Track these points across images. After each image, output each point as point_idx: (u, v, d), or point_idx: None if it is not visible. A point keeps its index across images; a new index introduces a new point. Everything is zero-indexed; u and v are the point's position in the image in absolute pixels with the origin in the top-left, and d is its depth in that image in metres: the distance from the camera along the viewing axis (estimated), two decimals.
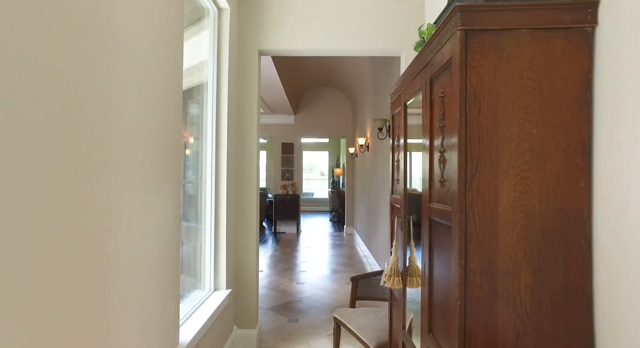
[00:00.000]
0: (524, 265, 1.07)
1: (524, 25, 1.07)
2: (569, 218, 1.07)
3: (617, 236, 0.99)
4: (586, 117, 1.07)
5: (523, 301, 1.07)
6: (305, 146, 13.14)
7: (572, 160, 1.07)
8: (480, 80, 1.08)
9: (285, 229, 7.87)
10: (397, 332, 1.92)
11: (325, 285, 4.28)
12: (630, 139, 0.95)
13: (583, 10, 1.06)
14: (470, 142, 1.08)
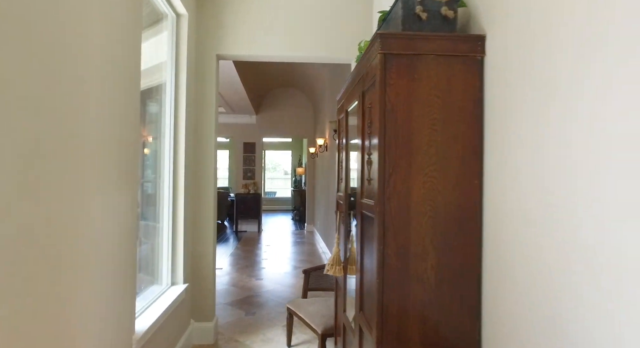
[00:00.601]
0: (430, 249, 1.30)
1: (431, 52, 1.31)
2: (465, 210, 1.32)
3: (496, 222, 1.25)
4: (478, 128, 1.32)
5: (429, 279, 1.30)
6: (269, 146, 13.20)
7: (468, 163, 1.32)
8: (397, 96, 1.30)
9: (247, 228, 7.94)
10: (340, 316, 2.13)
11: (284, 281, 4.44)
12: (500, 143, 1.21)
13: (475, 43, 1.31)
14: (389, 147, 1.30)
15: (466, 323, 1.32)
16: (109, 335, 1.50)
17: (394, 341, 1.30)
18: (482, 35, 1.32)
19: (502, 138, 1.22)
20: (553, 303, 0.98)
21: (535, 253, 1.05)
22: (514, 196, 1.15)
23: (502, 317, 1.20)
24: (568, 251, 0.92)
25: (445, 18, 1.37)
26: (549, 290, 0.99)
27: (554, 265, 0.97)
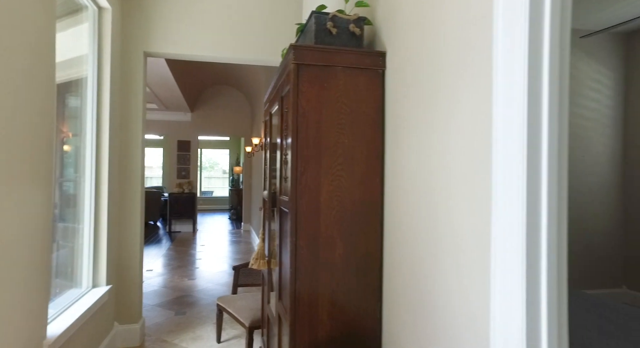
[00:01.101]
0: (338, 240, 1.46)
1: (339, 64, 1.47)
2: (368, 205, 1.50)
3: (392, 215, 1.44)
4: (380, 132, 1.51)
5: (337, 266, 1.46)
6: (206, 144, 12.82)
7: (371, 163, 1.50)
8: (308, 102, 1.44)
9: (181, 228, 7.69)
10: (265, 307, 2.23)
11: (218, 279, 4.43)
12: (395, 147, 1.41)
13: (377, 58, 1.50)
14: (301, 148, 1.43)
15: (370, 304, 1.50)
16: (16, 340, 1.45)
17: (305, 323, 1.44)
18: (383, 51, 1.51)
19: (397, 142, 1.42)
20: (426, 281, 1.18)
21: (413, 239, 1.26)
22: (402, 192, 1.36)
23: (395, 296, 1.40)
24: (438, 236, 1.13)
25: (354, 34, 1.54)
26: (422, 268, 1.20)
27: (427, 248, 1.18)
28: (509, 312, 0.84)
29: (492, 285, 0.88)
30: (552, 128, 0.82)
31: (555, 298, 0.83)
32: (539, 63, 0.82)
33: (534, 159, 0.82)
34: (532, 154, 0.81)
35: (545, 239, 0.82)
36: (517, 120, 0.83)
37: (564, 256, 0.85)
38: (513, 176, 0.84)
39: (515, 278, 0.83)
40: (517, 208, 0.83)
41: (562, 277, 0.85)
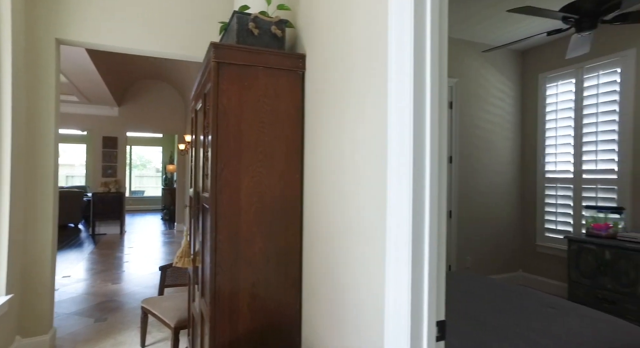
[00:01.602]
0: (258, 235, 1.51)
1: (261, 64, 1.51)
2: (289, 200, 1.56)
3: (309, 208, 1.53)
4: (300, 131, 1.58)
5: (258, 260, 1.51)
6: (136, 141, 12.04)
7: (291, 160, 1.57)
8: (229, 100, 1.47)
9: (107, 230, 7.15)
10: (191, 306, 2.20)
11: (146, 282, 4.22)
12: (311, 144, 1.49)
13: (297, 59, 1.57)
14: (221, 145, 1.45)
15: (290, 296, 1.57)
16: None
17: (226, 318, 1.46)
18: (303, 54, 1.58)
19: (315, 141, 1.50)
20: (339, 270, 1.28)
21: (327, 232, 1.35)
22: (319, 189, 1.44)
23: (314, 286, 1.48)
24: (348, 229, 1.22)
25: (275, 36, 1.59)
26: (335, 258, 1.29)
27: (339, 241, 1.28)
28: (399, 289, 0.96)
29: (387, 269, 0.99)
30: (434, 132, 0.94)
31: (435, 279, 0.96)
32: (423, 81, 0.94)
33: (419, 159, 0.94)
34: (418, 155, 0.93)
35: (427, 229, 0.95)
36: (406, 130, 0.94)
37: (443, 243, 0.99)
38: (403, 178, 0.95)
39: (403, 261, 0.95)
40: (405, 205, 0.94)
41: (441, 262, 0.98)
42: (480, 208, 3.88)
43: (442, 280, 0.98)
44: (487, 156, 3.92)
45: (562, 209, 3.71)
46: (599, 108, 3.40)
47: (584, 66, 3.52)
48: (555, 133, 3.77)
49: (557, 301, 2.20)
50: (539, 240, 3.93)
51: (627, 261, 2.87)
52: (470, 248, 3.83)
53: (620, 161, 3.24)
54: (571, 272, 3.23)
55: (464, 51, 3.79)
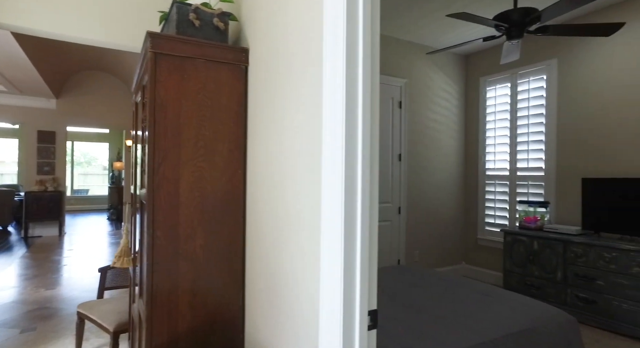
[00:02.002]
0: (199, 230, 1.48)
1: (201, 57, 1.48)
2: (231, 196, 1.55)
3: (251, 204, 1.52)
4: (242, 126, 1.57)
5: (198, 257, 1.48)
6: (80, 136, 11.25)
7: (234, 155, 1.55)
8: (167, 92, 1.42)
9: (43, 232, 6.62)
10: (131, 308, 2.11)
11: (86, 286, 3.96)
12: (252, 140, 1.49)
13: (240, 53, 1.56)
14: (159, 139, 1.40)
15: (233, 292, 1.55)
16: None
17: (165, 317, 1.42)
18: (245, 48, 1.57)
19: (256, 136, 1.50)
20: (278, 262, 1.29)
21: (268, 226, 1.35)
22: (260, 183, 1.44)
23: (256, 281, 1.48)
24: (287, 223, 1.23)
25: (218, 28, 1.56)
26: (275, 252, 1.30)
27: (279, 234, 1.28)
28: (332, 280, 0.98)
29: (322, 262, 1.02)
30: (365, 126, 0.98)
31: (366, 270, 1.00)
32: (355, 82, 0.97)
33: (351, 154, 0.97)
34: (350, 151, 0.96)
35: (359, 222, 0.98)
36: (338, 128, 0.97)
37: (375, 236, 1.03)
38: (336, 173, 0.98)
39: (336, 254, 0.97)
40: (338, 199, 0.97)
41: (372, 254, 1.02)
42: (427, 204, 4.07)
43: (373, 271, 1.03)
44: (435, 154, 4.12)
45: (500, 204, 3.99)
46: (529, 111, 3.69)
47: (517, 72, 3.81)
48: (494, 133, 4.05)
49: (490, 289, 2.37)
50: (479, 233, 4.19)
51: (551, 251, 3.15)
52: (418, 242, 4.01)
53: (546, 159, 3.55)
54: (506, 262, 3.49)
55: (413, 53, 3.95)
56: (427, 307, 2.06)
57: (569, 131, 3.39)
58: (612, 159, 3.10)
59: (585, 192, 3.12)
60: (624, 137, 3.03)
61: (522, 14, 2.10)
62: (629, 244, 2.73)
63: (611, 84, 3.11)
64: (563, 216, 3.43)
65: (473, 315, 1.95)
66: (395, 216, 3.84)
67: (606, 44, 3.14)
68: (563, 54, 3.43)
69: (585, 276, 2.94)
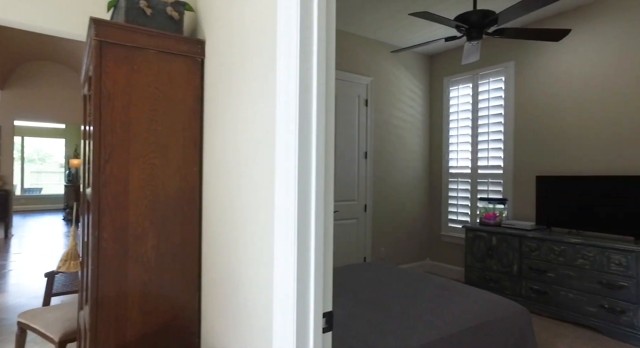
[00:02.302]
0: (151, 231, 1.40)
1: (153, 47, 1.39)
2: (187, 194, 1.48)
3: (208, 202, 1.46)
4: (199, 121, 1.50)
5: (150, 259, 1.40)
6: (32, 131, 10.54)
7: (189, 152, 1.48)
8: (115, 84, 1.33)
9: None
10: (79, 315, 1.98)
11: (34, 292, 3.70)
12: (208, 136, 1.43)
13: (195, 45, 1.48)
14: (105, 134, 1.31)
15: (189, 295, 1.48)
16: None
17: (111, 325, 1.33)
18: (201, 39, 1.50)
19: (211, 131, 1.43)
20: (233, 260, 1.24)
21: (224, 224, 1.30)
22: (217, 180, 1.38)
23: (213, 282, 1.42)
24: (242, 220, 1.19)
25: (172, 18, 1.48)
26: (230, 250, 1.25)
27: (234, 232, 1.23)
28: (286, 281, 0.95)
29: (275, 262, 0.98)
30: (320, 120, 0.95)
31: (321, 271, 0.98)
32: (309, 77, 0.94)
33: (305, 154, 0.94)
34: (303, 151, 0.93)
35: (314, 221, 0.96)
36: (292, 125, 0.94)
37: (330, 236, 1.01)
38: (289, 171, 0.94)
39: (290, 254, 0.94)
40: (291, 197, 0.94)
41: (327, 254, 1.00)
42: (393, 201, 4.13)
43: (328, 272, 1.00)
44: (400, 152, 4.18)
45: (462, 201, 4.12)
46: (490, 111, 3.83)
47: (478, 73, 3.93)
48: (457, 132, 4.16)
49: (450, 284, 2.42)
50: (443, 230, 4.31)
51: (508, 246, 3.28)
52: (385, 239, 4.06)
53: (504, 157, 3.70)
54: (467, 257, 3.60)
55: (379, 52, 3.98)
56: (389, 304, 2.08)
57: (525, 130, 3.54)
58: (564, 158, 3.27)
59: (539, 189, 3.27)
60: (575, 137, 3.20)
61: (480, 15, 2.15)
62: (575, 238, 2.89)
63: (563, 88, 3.28)
64: (520, 213, 3.59)
65: (433, 310, 1.98)
66: (361, 214, 3.86)
67: (557, 49, 3.30)
68: (520, 57, 3.58)
69: (538, 269, 3.08)
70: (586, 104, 3.14)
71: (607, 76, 3.02)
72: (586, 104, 3.14)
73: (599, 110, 3.07)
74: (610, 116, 3.01)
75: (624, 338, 2.63)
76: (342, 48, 3.69)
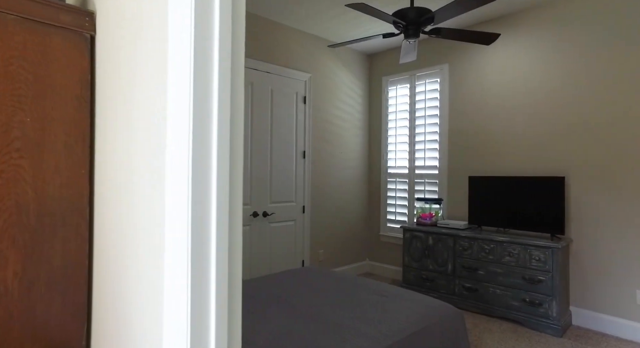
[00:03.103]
0: (12, 253, 1.08)
1: (15, 12, 1.07)
2: (69, 203, 1.17)
3: (102, 213, 1.17)
4: (86, 114, 1.20)
5: (9, 290, 1.08)
6: None
7: (74, 150, 1.18)
8: None
9: None
10: None
11: None
12: (103, 131, 1.14)
13: (82, 16, 1.18)
14: None
15: (71, 330, 1.18)
16: None
17: None
18: (90, 11, 1.20)
19: (104, 126, 1.15)
20: (122, 285, 0.98)
21: (118, 239, 1.04)
22: (111, 186, 1.11)
23: (103, 312, 1.14)
24: (131, 232, 0.93)
25: None
26: (119, 272, 0.99)
27: (127, 248, 0.98)
28: (177, 315, 0.73)
29: (165, 291, 0.76)
30: (222, 122, 0.74)
31: (225, 308, 0.77)
32: (209, 64, 0.73)
33: (202, 152, 0.73)
34: (200, 148, 0.72)
35: (215, 238, 0.75)
36: (185, 120, 0.72)
37: (238, 258, 0.81)
38: (182, 176, 0.72)
39: (182, 283, 0.72)
40: (184, 207, 0.72)
41: (235, 282, 0.80)
42: (332, 202, 4.02)
43: (236, 305, 0.80)
44: (340, 151, 4.08)
45: (400, 201, 4.14)
46: (426, 111, 3.88)
47: (415, 74, 3.97)
48: (395, 132, 4.17)
49: (387, 290, 2.35)
50: (382, 230, 4.30)
51: (443, 245, 3.34)
52: (323, 241, 3.93)
53: (440, 157, 3.77)
54: (405, 258, 3.60)
55: (318, 48, 3.83)
56: (324, 314, 1.93)
57: (458, 132, 3.63)
58: (493, 159, 3.40)
59: (471, 189, 3.36)
60: (501, 139, 3.34)
61: (417, 13, 2.09)
62: (502, 236, 3.00)
63: (490, 92, 3.40)
64: (454, 212, 3.67)
65: (370, 320, 1.87)
66: (299, 215, 3.69)
67: (486, 54, 3.42)
68: (454, 61, 3.66)
69: (470, 267, 3.16)
70: (510, 108, 3.28)
71: (528, 83, 3.18)
72: (510, 108, 3.28)
73: (521, 114, 3.23)
74: (530, 120, 3.17)
75: (540, 328, 2.77)
76: (277, 41, 3.48)
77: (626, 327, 2.69)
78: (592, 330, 2.82)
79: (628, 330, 2.68)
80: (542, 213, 2.95)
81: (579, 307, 2.92)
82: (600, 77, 2.83)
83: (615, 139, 2.76)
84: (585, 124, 2.90)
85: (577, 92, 2.94)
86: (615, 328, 2.73)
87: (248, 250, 3.30)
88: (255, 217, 3.33)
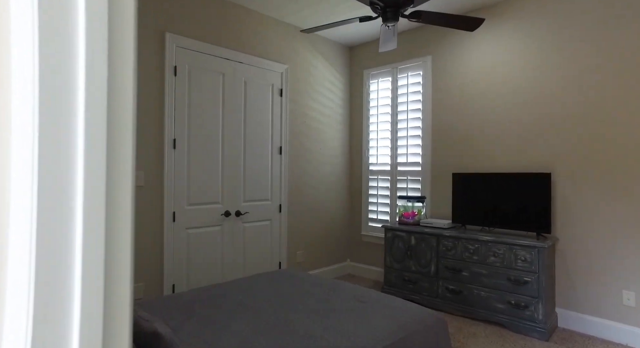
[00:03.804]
0: None
1: None
2: None
3: None
4: None
5: None
6: None
7: None
8: None
9: None
10: None
11: None
12: None
13: None
14: None
15: None
16: None
17: None
18: None
19: None
20: None
21: None
22: None
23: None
24: None
25: None
26: None
27: None
28: None
29: None
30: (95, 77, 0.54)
31: None
32: None
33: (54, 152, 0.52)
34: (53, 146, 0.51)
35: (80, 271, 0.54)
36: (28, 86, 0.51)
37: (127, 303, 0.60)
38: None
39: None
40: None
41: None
42: (311, 200, 3.83)
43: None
44: (318, 146, 3.89)
45: (382, 199, 3.98)
46: (409, 106, 3.73)
47: (397, 66, 3.81)
48: (377, 127, 4.01)
49: (366, 295, 2.17)
50: (363, 229, 4.13)
51: (426, 245, 3.19)
52: (302, 241, 3.75)
53: (423, 154, 3.62)
54: (386, 258, 3.44)
55: (294, 38, 3.63)
56: (293, 324, 1.74)
57: (442, 127, 3.49)
58: (477, 155, 3.27)
59: (455, 187, 3.23)
60: (485, 135, 3.21)
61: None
62: (487, 235, 2.87)
63: (477, 84, 3.27)
64: (438, 211, 3.53)
65: (346, 331, 1.69)
66: (275, 215, 3.49)
67: (472, 46, 3.29)
68: (436, 52, 3.51)
69: (454, 268, 3.02)
70: (493, 103, 3.16)
71: (513, 75, 3.05)
72: (493, 103, 3.16)
73: (505, 108, 3.10)
74: (516, 114, 3.05)
75: (525, 331, 2.65)
76: (251, 30, 3.27)
77: (613, 328, 2.59)
78: (578, 333, 2.72)
79: (614, 332, 2.58)
80: (528, 211, 2.83)
81: (565, 308, 2.81)
82: (587, 69, 2.72)
83: (603, 135, 2.66)
84: (572, 118, 2.79)
85: (562, 84, 2.83)
86: (602, 330, 2.63)
87: (219, 252, 3.08)
88: (227, 217, 3.12)
